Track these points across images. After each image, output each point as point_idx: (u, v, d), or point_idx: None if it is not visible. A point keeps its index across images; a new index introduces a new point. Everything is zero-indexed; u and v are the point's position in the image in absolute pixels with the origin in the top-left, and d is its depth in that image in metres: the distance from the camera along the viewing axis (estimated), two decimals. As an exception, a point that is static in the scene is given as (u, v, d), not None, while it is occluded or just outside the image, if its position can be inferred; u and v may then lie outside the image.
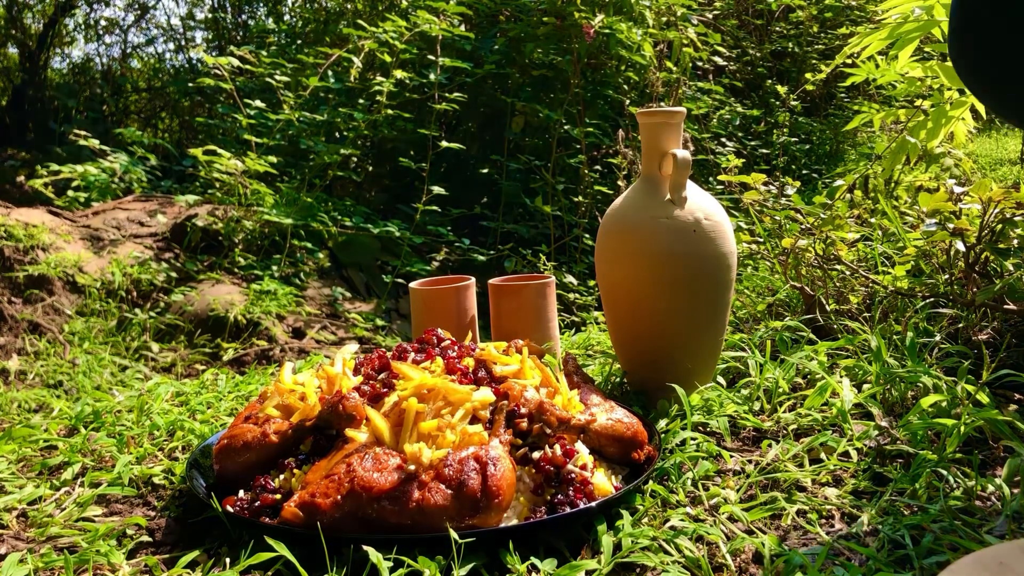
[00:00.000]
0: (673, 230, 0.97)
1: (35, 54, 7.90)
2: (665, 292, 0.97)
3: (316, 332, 3.14)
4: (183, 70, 8.54)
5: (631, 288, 1.00)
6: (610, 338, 1.12)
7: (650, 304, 0.98)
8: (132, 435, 0.99)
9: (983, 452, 0.82)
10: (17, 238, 3.19)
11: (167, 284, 3.33)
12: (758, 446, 0.89)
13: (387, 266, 3.94)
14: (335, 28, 5.92)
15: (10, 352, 2.72)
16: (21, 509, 0.78)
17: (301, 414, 0.79)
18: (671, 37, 3.60)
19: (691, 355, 1.00)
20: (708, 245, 0.98)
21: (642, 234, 0.98)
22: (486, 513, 0.66)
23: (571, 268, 3.57)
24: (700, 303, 0.98)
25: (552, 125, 3.98)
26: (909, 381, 0.96)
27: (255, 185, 3.74)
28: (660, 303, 0.98)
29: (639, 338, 1.03)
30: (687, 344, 1.00)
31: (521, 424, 0.75)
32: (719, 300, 1.00)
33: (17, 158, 6.35)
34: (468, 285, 1.23)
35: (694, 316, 0.98)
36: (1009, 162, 4.56)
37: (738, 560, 0.65)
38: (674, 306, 0.98)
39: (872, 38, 1.48)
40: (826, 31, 4.92)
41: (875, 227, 1.50)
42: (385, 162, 4.80)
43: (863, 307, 1.30)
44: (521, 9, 4.25)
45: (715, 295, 0.99)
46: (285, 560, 0.63)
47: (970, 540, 0.64)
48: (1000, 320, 1.13)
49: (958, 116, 1.51)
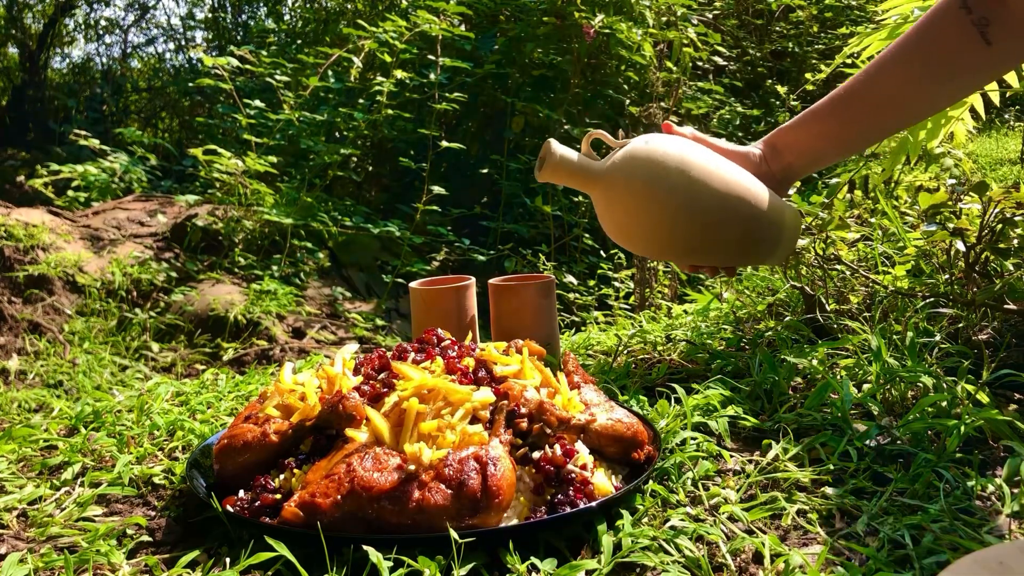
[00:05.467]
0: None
1: (35, 54, 7.90)
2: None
3: (316, 332, 3.14)
4: (183, 70, 8.54)
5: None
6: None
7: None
8: (132, 435, 0.99)
9: (983, 452, 0.82)
10: (17, 238, 3.19)
11: (167, 284, 3.33)
12: (758, 446, 0.89)
13: (387, 266, 3.94)
14: (335, 28, 5.92)
15: (10, 352, 2.72)
16: (21, 509, 0.78)
17: (301, 414, 0.79)
18: (671, 37, 3.60)
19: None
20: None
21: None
22: (486, 513, 0.66)
23: (571, 268, 3.58)
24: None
25: (552, 125, 3.98)
26: (909, 381, 0.96)
27: (255, 185, 3.74)
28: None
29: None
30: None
31: (521, 424, 0.75)
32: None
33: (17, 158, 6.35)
34: (468, 285, 1.23)
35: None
36: (1009, 162, 4.56)
37: (738, 560, 0.65)
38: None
39: (872, 38, 1.48)
40: (826, 31, 4.93)
41: (875, 227, 1.50)
42: (385, 162, 4.81)
43: (863, 307, 1.30)
44: (521, 9, 4.25)
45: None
46: (285, 560, 0.63)
47: (970, 540, 0.64)
48: (1000, 320, 1.13)
49: (958, 116, 1.51)
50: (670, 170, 0.96)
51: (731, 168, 0.99)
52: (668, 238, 1.00)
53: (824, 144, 1.00)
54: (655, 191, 0.96)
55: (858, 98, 0.95)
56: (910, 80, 0.90)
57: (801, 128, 1.00)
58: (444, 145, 3.61)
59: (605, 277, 3.02)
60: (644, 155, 0.97)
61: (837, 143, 0.99)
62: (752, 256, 1.07)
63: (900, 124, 0.97)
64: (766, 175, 1.03)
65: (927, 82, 0.90)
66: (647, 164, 0.97)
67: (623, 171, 0.98)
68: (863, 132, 0.98)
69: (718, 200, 0.97)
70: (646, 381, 1.15)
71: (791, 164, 1.04)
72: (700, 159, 0.98)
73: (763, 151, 1.04)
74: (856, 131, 0.97)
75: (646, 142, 0.99)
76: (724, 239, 1.01)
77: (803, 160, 1.03)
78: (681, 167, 0.96)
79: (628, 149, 0.99)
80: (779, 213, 1.03)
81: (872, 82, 0.93)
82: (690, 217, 0.97)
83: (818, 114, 0.98)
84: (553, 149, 0.99)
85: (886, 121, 0.96)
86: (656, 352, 1.33)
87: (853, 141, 1.00)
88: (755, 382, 1.03)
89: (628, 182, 0.98)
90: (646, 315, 1.78)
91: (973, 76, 0.90)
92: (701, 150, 0.99)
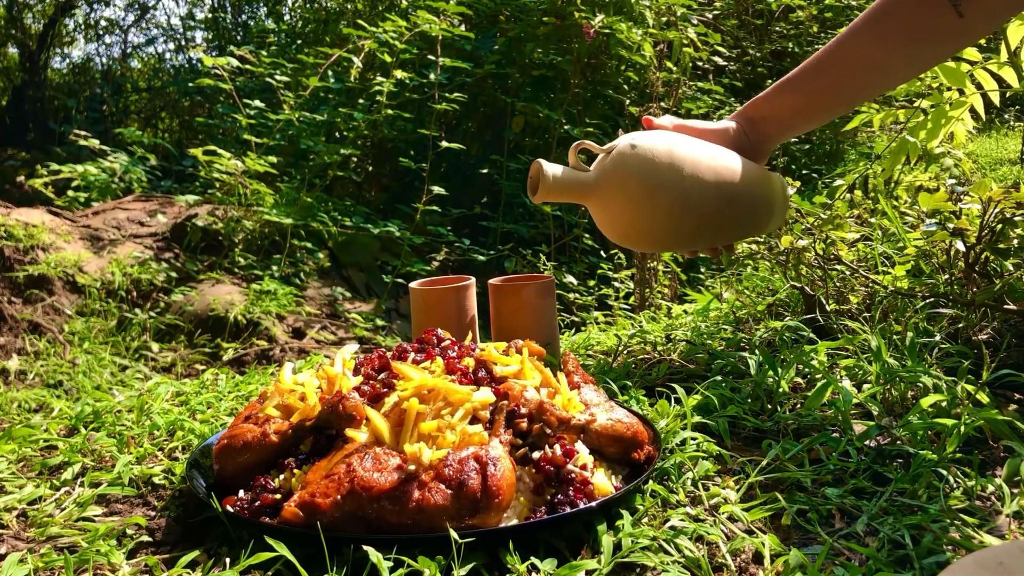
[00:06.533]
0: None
1: (35, 54, 7.90)
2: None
3: (316, 332, 3.14)
4: (183, 70, 8.54)
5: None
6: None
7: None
8: (132, 435, 0.99)
9: (983, 452, 0.82)
10: (17, 238, 3.19)
11: (167, 284, 3.33)
12: (758, 446, 0.89)
13: (387, 266, 3.94)
14: (335, 28, 5.92)
15: (10, 352, 2.72)
16: (21, 509, 0.78)
17: (301, 414, 0.79)
18: (671, 37, 3.60)
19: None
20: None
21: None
22: (486, 513, 0.66)
23: (571, 268, 3.58)
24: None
25: (552, 125, 3.98)
26: (909, 381, 0.96)
27: (255, 185, 3.74)
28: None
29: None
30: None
31: (521, 424, 0.75)
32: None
33: (17, 158, 6.35)
34: (468, 285, 1.23)
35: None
36: (1009, 162, 4.56)
37: (738, 560, 0.65)
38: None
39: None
40: (826, 31, 4.92)
41: (875, 227, 1.50)
42: (385, 162, 4.81)
43: (863, 307, 1.30)
44: (521, 9, 4.25)
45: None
46: (285, 560, 0.63)
47: (970, 540, 0.64)
48: (1000, 320, 1.13)
49: (958, 116, 1.51)
50: (662, 168, 0.97)
51: (718, 153, 1.01)
52: (671, 233, 1.01)
53: (800, 113, 1.03)
54: (651, 192, 0.97)
55: (831, 65, 0.98)
56: (883, 48, 0.93)
57: (777, 98, 1.02)
58: (444, 145, 3.61)
59: (605, 277, 3.02)
60: (634, 157, 0.98)
61: (813, 111, 1.03)
62: (751, 231, 1.10)
63: (873, 91, 1.01)
64: (746, 148, 1.06)
65: (899, 50, 0.93)
66: (639, 166, 0.97)
67: (617, 177, 0.99)
68: (837, 99, 1.01)
69: (712, 189, 0.99)
70: (646, 381, 1.15)
71: (769, 134, 1.07)
72: (688, 151, 0.99)
73: (740, 124, 1.07)
74: (831, 99, 1.01)
75: (632, 144, 0.99)
76: (723, 224, 1.03)
77: (781, 129, 1.06)
78: (672, 163, 0.97)
79: (616, 154, 1.00)
80: (769, 186, 1.06)
81: (845, 50, 0.96)
82: (689, 210, 0.98)
83: (793, 83, 1.01)
84: (545, 171, 0.99)
85: (859, 88, 0.99)
86: (656, 352, 1.33)
87: (829, 108, 1.03)
88: (755, 382, 1.03)
89: (623, 187, 0.98)
90: (646, 315, 1.78)
91: (945, 45, 0.93)
92: (687, 141, 1.00)
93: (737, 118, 1.07)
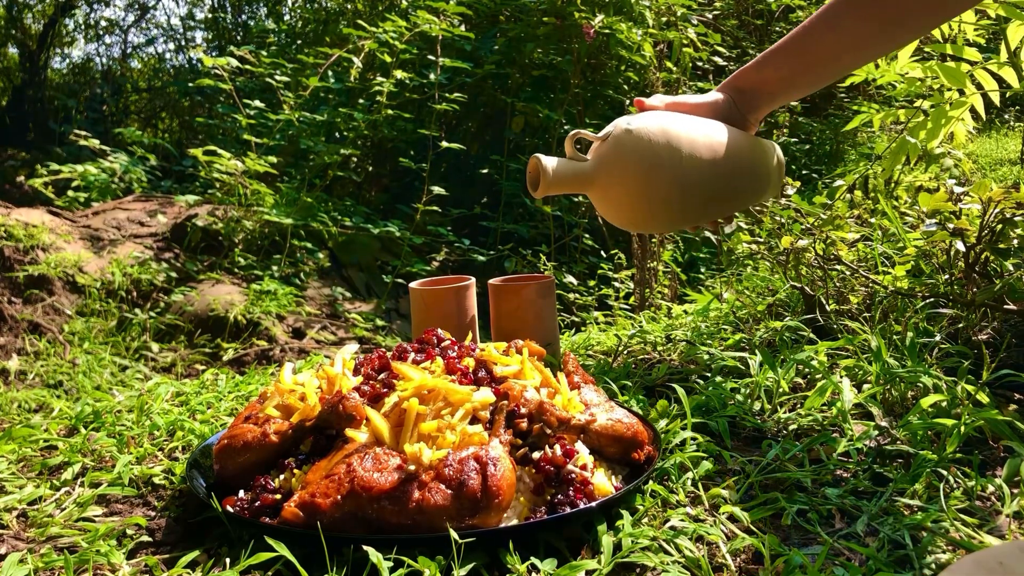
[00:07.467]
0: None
1: (35, 54, 7.90)
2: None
3: (316, 332, 3.14)
4: (183, 70, 8.54)
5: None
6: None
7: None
8: (132, 435, 0.99)
9: (983, 452, 0.82)
10: (17, 238, 3.19)
11: (167, 284, 3.33)
12: (758, 446, 0.89)
13: (387, 266, 3.94)
14: (335, 28, 5.92)
15: (10, 352, 2.72)
16: (21, 509, 0.78)
17: (301, 414, 0.79)
18: (671, 37, 3.60)
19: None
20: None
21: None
22: (486, 513, 0.66)
23: (571, 268, 3.58)
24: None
25: (552, 125, 3.98)
26: (909, 381, 0.96)
27: (255, 185, 3.74)
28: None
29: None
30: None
31: (521, 424, 0.75)
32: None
33: (17, 158, 6.35)
34: (468, 285, 1.23)
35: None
36: (1009, 162, 4.56)
37: (738, 560, 0.65)
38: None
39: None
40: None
41: (875, 227, 1.50)
42: (385, 162, 4.81)
43: (863, 307, 1.30)
44: (521, 9, 4.25)
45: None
46: (285, 560, 0.63)
47: (970, 540, 0.64)
48: (1000, 320, 1.13)
49: (958, 116, 1.51)
50: (659, 149, 0.97)
51: (712, 129, 1.02)
52: (675, 212, 1.02)
53: (787, 83, 1.05)
54: (650, 173, 0.97)
55: (816, 43, 1.00)
56: (868, 18, 0.94)
57: (765, 69, 1.05)
58: (444, 145, 3.61)
59: (605, 277, 3.02)
60: (630, 141, 0.98)
61: (800, 83, 1.05)
62: (751, 200, 1.12)
63: (860, 63, 1.03)
64: (736, 118, 1.08)
65: (885, 25, 0.95)
66: (636, 149, 0.98)
67: (615, 162, 0.99)
68: (823, 75, 1.03)
69: (709, 165, 1.00)
70: (646, 381, 1.15)
71: (758, 104, 1.09)
72: (684, 130, 0.99)
73: (729, 95, 1.09)
74: (815, 76, 1.03)
75: (627, 129, 0.99)
76: (723, 197, 1.04)
77: (769, 99, 1.08)
78: (669, 143, 0.98)
79: (613, 140, 1.00)
80: (763, 154, 1.08)
81: (830, 22, 0.98)
82: (689, 188, 0.99)
83: (780, 54, 1.03)
84: (544, 164, 0.99)
85: (848, 62, 1.01)
86: (656, 352, 1.33)
87: (814, 83, 1.05)
88: (755, 382, 1.03)
89: (622, 172, 0.99)
90: (646, 315, 1.78)
91: (930, 17, 0.95)
92: (681, 120, 1.01)
93: (725, 89, 1.09)
